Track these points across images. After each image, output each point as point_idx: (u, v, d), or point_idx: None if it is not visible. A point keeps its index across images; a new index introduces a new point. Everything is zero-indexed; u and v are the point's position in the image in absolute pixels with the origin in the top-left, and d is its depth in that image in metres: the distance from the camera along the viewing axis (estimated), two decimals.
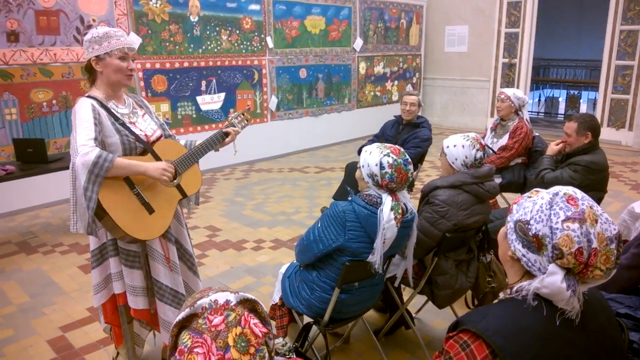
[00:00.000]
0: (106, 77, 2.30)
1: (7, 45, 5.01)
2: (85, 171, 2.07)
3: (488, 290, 2.73)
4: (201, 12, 6.51)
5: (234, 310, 1.09)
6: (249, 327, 1.06)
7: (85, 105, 2.23)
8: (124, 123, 2.32)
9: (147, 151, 2.37)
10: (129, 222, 2.20)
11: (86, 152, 2.08)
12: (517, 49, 9.58)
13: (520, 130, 4.18)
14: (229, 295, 1.12)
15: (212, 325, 1.05)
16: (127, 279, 2.39)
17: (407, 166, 2.18)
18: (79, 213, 2.17)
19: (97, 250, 2.44)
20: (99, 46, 2.24)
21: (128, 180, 2.25)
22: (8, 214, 5.26)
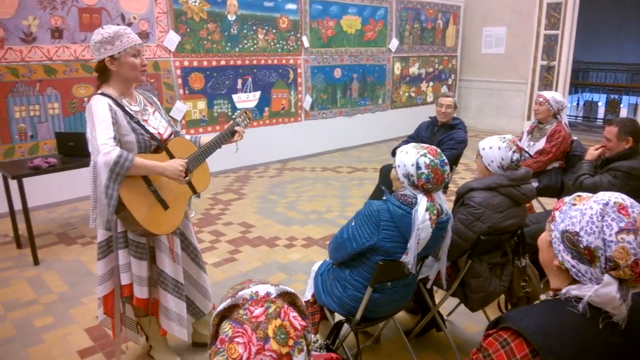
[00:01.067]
0: (121, 76, 2.35)
1: (51, 42, 5.18)
2: (106, 170, 2.13)
3: (522, 295, 2.68)
4: (239, 11, 6.59)
5: (274, 302, 1.10)
6: (289, 320, 1.08)
7: (102, 105, 2.27)
8: (138, 121, 2.38)
9: (160, 149, 2.45)
10: (146, 217, 2.30)
11: (108, 152, 2.14)
12: (557, 51, 9.36)
13: (558, 134, 4.10)
14: (270, 287, 1.14)
15: (252, 316, 1.07)
16: (135, 269, 2.46)
17: (444, 167, 2.16)
18: (98, 210, 2.23)
19: (104, 242, 2.49)
20: (111, 46, 2.28)
21: (145, 178, 2.34)
22: (49, 206, 5.44)
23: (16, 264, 4.08)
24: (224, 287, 3.66)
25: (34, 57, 5.09)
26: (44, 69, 5.17)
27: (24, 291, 3.62)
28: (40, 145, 5.28)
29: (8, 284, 3.74)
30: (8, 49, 4.92)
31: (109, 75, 2.36)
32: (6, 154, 5.07)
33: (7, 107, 5.01)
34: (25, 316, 3.29)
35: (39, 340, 3.02)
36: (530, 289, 2.65)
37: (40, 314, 3.32)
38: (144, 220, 2.28)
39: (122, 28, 2.34)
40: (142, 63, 2.38)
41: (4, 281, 3.78)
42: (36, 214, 5.18)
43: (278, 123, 7.43)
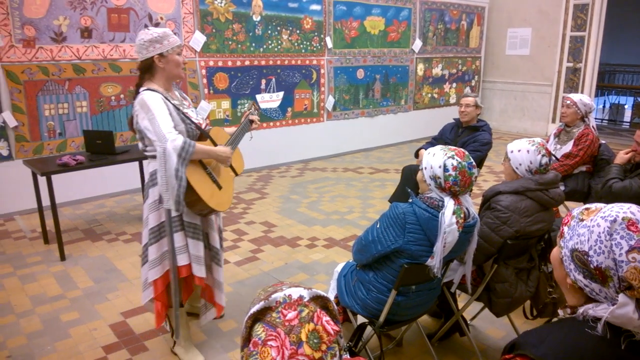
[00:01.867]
0: (167, 72, 2.57)
1: (80, 41, 5.27)
2: (175, 154, 2.37)
3: (548, 301, 2.65)
4: (263, 12, 6.62)
5: (307, 306, 1.10)
6: (322, 324, 1.07)
7: (156, 98, 2.48)
8: (184, 113, 2.60)
9: (204, 136, 2.68)
10: (209, 196, 2.54)
11: (174, 139, 2.39)
12: (583, 53, 9.22)
13: (586, 138, 4.04)
14: (303, 290, 1.13)
15: (286, 320, 1.07)
16: (193, 250, 2.62)
17: (472, 169, 2.14)
18: (169, 192, 2.43)
19: (156, 228, 2.62)
20: (160, 45, 2.51)
21: (201, 162, 2.59)
22: (76, 202, 5.54)
23: (43, 259, 4.16)
24: (246, 286, 3.69)
25: (63, 57, 5.19)
26: (73, 68, 5.27)
27: (51, 286, 3.70)
28: (69, 142, 5.38)
29: (36, 278, 3.82)
30: (39, 48, 5.03)
31: (154, 72, 2.57)
32: (35, 151, 5.18)
33: (37, 105, 5.12)
34: (52, 311, 3.36)
35: (66, 335, 3.08)
36: (556, 295, 2.61)
37: (66, 309, 3.38)
38: (207, 199, 2.52)
39: (167, 29, 2.58)
40: (183, 61, 2.63)
41: (32, 276, 3.86)
42: (63, 209, 5.29)
43: (300, 123, 7.45)
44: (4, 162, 5.04)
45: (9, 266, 4.02)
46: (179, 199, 2.41)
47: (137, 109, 2.51)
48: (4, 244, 4.48)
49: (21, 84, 4.99)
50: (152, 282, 2.68)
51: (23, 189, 4.98)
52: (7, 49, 4.86)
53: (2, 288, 3.66)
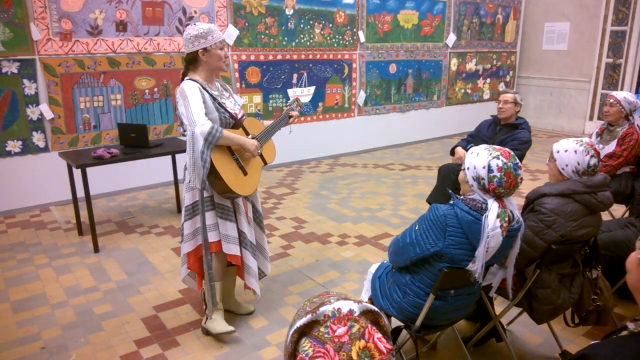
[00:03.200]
0: (210, 65, 2.80)
1: (115, 35, 5.31)
2: (202, 138, 2.57)
3: (592, 308, 2.53)
4: (296, 6, 6.57)
5: (358, 321, 1.04)
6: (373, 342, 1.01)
7: (193, 87, 2.72)
8: (220, 102, 2.81)
9: (237, 125, 2.87)
10: (232, 180, 2.74)
11: (203, 124, 2.59)
12: (624, 48, 8.90)
13: (630, 137, 3.87)
14: (353, 304, 1.07)
15: (335, 336, 1.01)
16: (222, 229, 2.87)
17: (517, 170, 2.05)
18: (195, 172, 2.63)
19: (190, 206, 2.90)
20: (204, 40, 2.73)
21: (229, 148, 2.79)
22: (109, 194, 5.61)
23: (78, 250, 4.21)
24: (277, 282, 3.66)
25: (99, 50, 5.24)
26: (108, 61, 5.32)
27: (84, 278, 3.73)
28: (103, 135, 5.44)
29: (70, 270, 3.86)
30: (75, 41, 5.09)
31: (197, 64, 2.80)
32: (71, 143, 5.25)
33: (73, 97, 5.18)
34: (85, 302, 3.39)
35: (99, 327, 3.10)
36: (601, 302, 2.50)
37: (99, 302, 3.40)
38: (230, 181, 2.72)
39: (212, 25, 2.78)
40: (225, 55, 2.83)
41: (67, 267, 3.90)
42: (97, 201, 5.35)
43: (331, 118, 7.39)
44: (41, 154, 5.12)
45: (45, 257, 4.09)
46: (203, 178, 2.63)
47: (178, 96, 2.75)
48: (40, 234, 4.56)
49: (58, 76, 5.06)
50: (186, 255, 2.97)
51: (58, 180, 5.06)
52: (44, 42, 4.93)
53: (38, 278, 3.72)
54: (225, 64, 2.86)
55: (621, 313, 3.23)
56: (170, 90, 5.74)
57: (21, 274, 3.80)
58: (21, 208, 5.15)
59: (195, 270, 3.05)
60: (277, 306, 3.35)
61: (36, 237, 4.49)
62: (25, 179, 5.11)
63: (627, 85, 8.92)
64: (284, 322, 3.16)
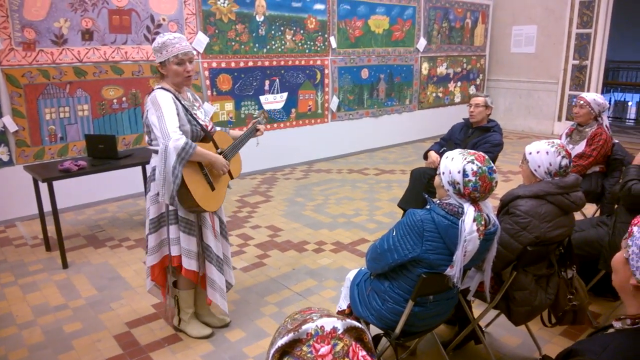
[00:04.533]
0: (170, 79, 2.74)
1: (81, 44, 5.18)
2: (175, 153, 2.53)
3: (568, 308, 2.55)
4: (267, 12, 6.53)
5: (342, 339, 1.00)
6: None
7: (167, 97, 2.66)
8: (192, 114, 2.75)
9: (207, 139, 2.83)
10: (201, 195, 2.71)
11: (177, 138, 2.55)
12: (589, 50, 9.11)
13: (599, 137, 3.93)
14: (336, 322, 1.03)
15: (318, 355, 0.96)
16: (184, 243, 2.81)
17: (492, 174, 2.05)
18: (165, 187, 2.61)
19: (155, 219, 2.85)
20: (160, 54, 2.68)
21: (199, 163, 2.75)
22: (78, 207, 5.45)
23: (45, 267, 4.07)
24: (253, 292, 3.59)
25: (64, 59, 5.10)
26: (74, 70, 5.18)
27: (53, 295, 3.60)
28: (70, 147, 5.29)
29: (38, 287, 3.73)
30: (40, 51, 4.94)
31: (163, 75, 2.76)
32: (36, 155, 5.09)
33: (38, 109, 5.03)
34: (54, 321, 3.26)
35: (69, 347, 2.98)
36: (577, 301, 2.52)
37: (69, 319, 3.28)
38: (199, 198, 2.69)
39: (171, 37, 2.67)
40: (185, 70, 2.71)
41: (34, 285, 3.77)
42: (65, 215, 5.20)
43: (304, 124, 7.35)
44: (5, 168, 4.95)
45: (10, 274, 3.94)
46: (173, 194, 2.59)
47: (149, 104, 2.67)
48: (5, 251, 4.40)
49: (21, 87, 4.90)
50: (150, 268, 2.93)
51: (24, 194, 4.89)
52: (7, 52, 4.77)
53: (4, 298, 3.57)
54: (185, 79, 2.75)
55: (596, 311, 3.26)
56: (139, 99, 5.63)
57: None
58: None
59: (160, 283, 3.02)
60: (254, 317, 3.28)
61: (1, 254, 4.32)
62: None
63: (594, 86, 9.13)
64: (261, 334, 3.09)
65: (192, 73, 2.77)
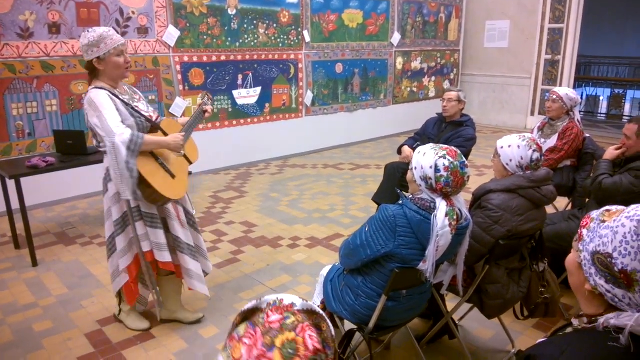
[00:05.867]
0: (109, 73, 2.67)
1: (48, 37, 5.05)
2: (124, 147, 2.49)
3: (540, 301, 2.58)
4: (239, 5, 6.45)
5: (295, 314, 1.01)
6: (303, 337, 0.98)
7: (103, 95, 2.59)
8: (133, 107, 2.71)
9: (155, 129, 2.80)
10: (161, 185, 2.66)
11: (122, 132, 2.51)
12: (561, 45, 9.25)
13: (571, 132, 3.99)
14: (297, 299, 1.05)
15: (267, 321, 0.99)
16: (153, 237, 2.80)
17: (464, 169, 2.05)
18: (124, 184, 2.56)
19: (120, 219, 2.81)
20: (97, 48, 2.59)
21: (152, 153, 2.71)
22: (47, 204, 5.33)
23: (14, 265, 3.97)
24: (227, 289, 3.56)
25: (31, 53, 4.96)
26: (42, 65, 5.04)
27: (22, 294, 3.52)
28: (38, 143, 5.16)
29: (7, 286, 3.63)
30: (5, 45, 4.79)
31: (97, 73, 2.67)
32: (4, 152, 4.95)
33: (4, 104, 4.88)
34: (24, 320, 3.19)
35: (39, 345, 2.92)
36: (549, 294, 2.55)
37: (39, 318, 3.22)
38: (160, 188, 2.64)
39: (106, 30, 2.63)
40: (125, 61, 2.69)
41: (3, 283, 3.67)
42: (35, 212, 5.07)
43: (279, 119, 7.31)
44: None
45: None
46: (134, 188, 2.56)
47: (87, 107, 2.61)
48: None
49: None
50: (126, 269, 2.87)
51: None
52: None
53: None
54: (126, 71, 2.71)
55: (568, 303, 3.32)
56: None
57: None
58: None
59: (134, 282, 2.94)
60: (228, 314, 3.25)
61: None
62: None
63: (566, 81, 9.27)
64: None
65: (130, 63, 2.73)
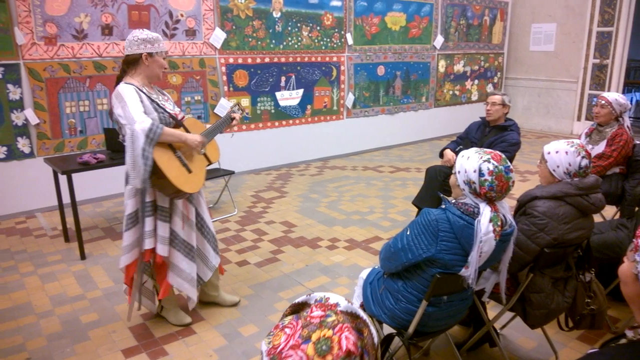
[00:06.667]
0: (150, 70, 2.82)
1: (101, 39, 5.24)
2: (143, 135, 2.56)
3: (586, 312, 2.52)
4: (284, 8, 6.53)
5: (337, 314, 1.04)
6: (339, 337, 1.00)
7: (129, 89, 2.72)
8: (158, 103, 2.83)
9: (178, 126, 2.89)
10: (176, 177, 2.73)
11: (142, 121, 2.60)
12: (610, 49, 8.96)
13: (620, 138, 3.87)
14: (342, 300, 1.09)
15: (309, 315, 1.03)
16: (160, 230, 2.86)
17: (509, 174, 2.03)
18: (136, 171, 2.62)
19: (133, 214, 2.88)
20: (151, 45, 2.78)
21: (171, 146, 2.79)
22: (96, 200, 5.52)
23: (64, 257, 4.14)
24: (266, 288, 3.61)
25: (84, 54, 5.16)
26: (94, 65, 5.24)
27: (71, 286, 3.66)
28: (89, 140, 5.36)
29: (56, 278, 3.79)
30: (61, 45, 5.01)
31: (137, 67, 2.80)
32: (57, 148, 5.17)
33: (58, 102, 5.10)
34: (72, 311, 3.32)
35: (85, 337, 3.03)
36: (595, 306, 2.48)
37: (86, 310, 3.34)
38: (174, 179, 2.70)
39: (155, 34, 2.83)
40: (165, 66, 2.91)
41: (52, 275, 3.83)
42: (84, 207, 5.27)
43: (320, 121, 7.36)
44: (26, 160, 5.03)
45: (30, 264, 4.01)
46: (145, 177, 2.62)
47: (114, 100, 2.73)
48: (26, 241, 4.47)
49: (43, 81, 4.97)
50: (125, 268, 2.95)
51: (44, 186, 4.97)
52: (29, 46, 4.85)
53: (23, 287, 3.64)
54: (164, 74, 2.95)
55: (615, 316, 3.22)
56: None
57: (6, 282, 3.72)
58: (6, 215, 5.05)
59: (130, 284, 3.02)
60: (267, 313, 3.30)
61: (21, 245, 4.40)
62: (10, 185, 5.01)
63: (614, 86, 8.98)
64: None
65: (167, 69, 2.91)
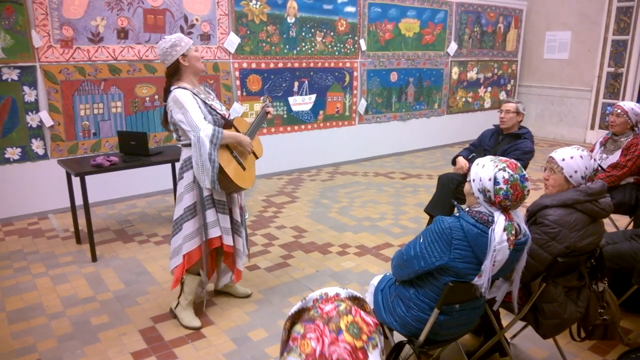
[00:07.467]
0: (192, 68, 2.98)
1: (117, 42, 5.29)
2: (208, 140, 2.82)
3: (599, 322, 2.49)
4: (298, 14, 6.56)
5: (344, 301, 1.06)
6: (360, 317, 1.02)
7: (187, 94, 2.90)
8: (211, 105, 3.01)
9: (229, 125, 3.08)
10: (236, 175, 3.01)
11: (206, 127, 2.85)
12: (625, 57, 8.89)
13: (635, 148, 3.84)
14: (339, 289, 1.11)
15: (324, 312, 1.03)
16: (222, 222, 3.09)
17: (524, 182, 2.01)
18: (204, 173, 2.87)
19: (192, 206, 3.05)
20: (180, 47, 2.92)
21: (228, 147, 3.04)
22: (109, 202, 5.56)
23: (75, 259, 4.16)
24: (276, 293, 3.61)
25: (100, 57, 5.21)
26: (109, 68, 5.29)
27: (82, 288, 3.68)
28: (103, 142, 5.41)
29: (67, 279, 3.81)
30: (77, 48, 5.06)
31: (181, 72, 2.97)
32: (70, 150, 5.21)
33: (73, 105, 5.15)
34: (82, 313, 3.33)
35: (95, 339, 3.04)
36: (608, 316, 2.45)
37: (96, 312, 3.35)
38: (235, 178, 2.99)
39: (180, 33, 3.00)
40: (200, 56, 3.04)
41: (64, 277, 3.85)
42: (96, 209, 5.31)
43: (332, 126, 7.36)
44: (40, 161, 5.09)
45: (42, 265, 4.04)
46: (214, 178, 2.86)
47: (171, 105, 2.90)
48: (38, 242, 4.51)
49: (58, 83, 5.03)
50: (186, 254, 3.07)
51: (57, 187, 5.02)
52: (45, 49, 4.91)
53: (35, 288, 3.67)
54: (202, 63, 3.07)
55: (627, 327, 3.18)
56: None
57: (18, 283, 3.75)
58: (19, 215, 5.10)
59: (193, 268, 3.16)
60: (277, 318, 3.30)
61: (34, 246, 4.44)
62: (24, 186, 5.07)
63: (629, 95, 8.90)
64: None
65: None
